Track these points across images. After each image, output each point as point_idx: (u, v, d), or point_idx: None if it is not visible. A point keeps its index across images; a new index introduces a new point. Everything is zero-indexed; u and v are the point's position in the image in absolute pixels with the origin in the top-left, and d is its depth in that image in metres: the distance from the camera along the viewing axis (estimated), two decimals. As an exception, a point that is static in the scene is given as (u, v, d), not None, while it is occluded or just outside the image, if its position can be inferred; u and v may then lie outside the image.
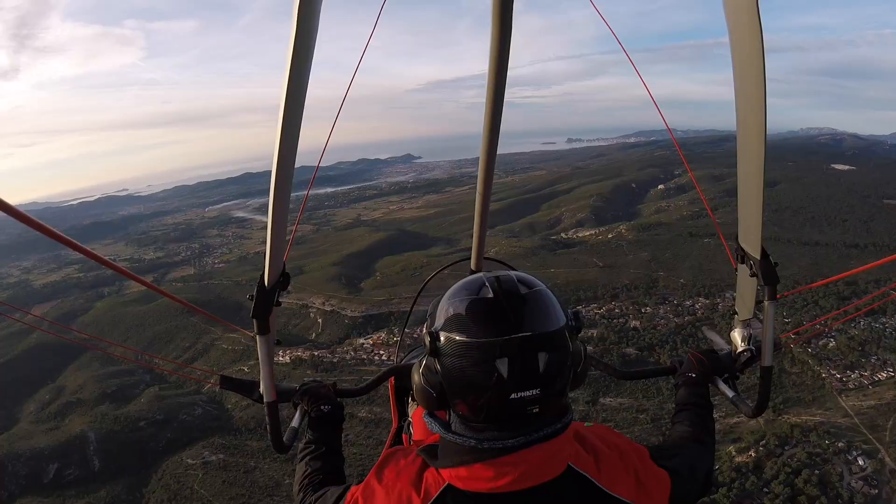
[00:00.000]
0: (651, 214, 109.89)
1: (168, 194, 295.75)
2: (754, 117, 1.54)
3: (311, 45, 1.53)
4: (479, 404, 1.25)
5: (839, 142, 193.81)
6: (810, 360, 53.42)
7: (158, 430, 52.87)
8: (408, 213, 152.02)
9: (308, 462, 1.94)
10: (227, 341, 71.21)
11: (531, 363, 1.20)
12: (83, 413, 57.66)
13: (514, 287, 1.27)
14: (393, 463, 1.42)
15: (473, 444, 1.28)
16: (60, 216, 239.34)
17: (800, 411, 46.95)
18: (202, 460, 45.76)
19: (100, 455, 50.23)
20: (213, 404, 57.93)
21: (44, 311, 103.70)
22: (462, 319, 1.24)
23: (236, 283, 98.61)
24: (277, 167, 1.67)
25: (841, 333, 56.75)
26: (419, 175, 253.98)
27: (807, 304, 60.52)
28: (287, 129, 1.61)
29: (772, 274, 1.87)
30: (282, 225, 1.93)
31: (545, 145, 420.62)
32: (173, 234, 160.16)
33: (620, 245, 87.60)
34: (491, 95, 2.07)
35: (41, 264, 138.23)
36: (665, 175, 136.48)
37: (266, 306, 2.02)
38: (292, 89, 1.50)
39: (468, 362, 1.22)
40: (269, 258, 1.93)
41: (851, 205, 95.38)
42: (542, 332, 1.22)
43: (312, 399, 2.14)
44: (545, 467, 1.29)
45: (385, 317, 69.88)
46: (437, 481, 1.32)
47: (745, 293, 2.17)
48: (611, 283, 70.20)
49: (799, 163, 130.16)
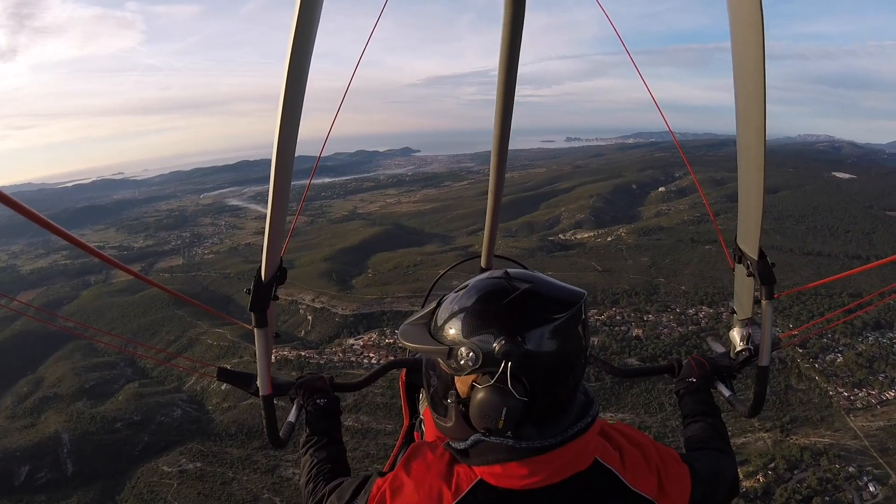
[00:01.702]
0: (651, 217, 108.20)
1: (164, 179, 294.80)
2: (754, 119, 1.56)
3: (312, 36, 1.54)
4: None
5: (838, 149, 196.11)
6: (818, 377, 51.56)
7: (135, 432, 50.41)
8: (405, 208, 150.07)
9: (313, 453, 1.94)
10: (212, 336, 68.85)
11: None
12: (59, 410, 55.26)
13: (529, 286, 1.32)
14: (421, 457, 1.43)
15: (511, 443, 1.28)
16: (55, 198, 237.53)
17: (808, 432, 45.07)
18: (178, 468, 43.28)
19: (73, 457, 47.77)
20: (194, 405, 55.62)
21: (29, 298, 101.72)
22: (480, 324, 1.28)
23: (224, 275, 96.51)
24: (277, 162, 1.67)
25: (848, 349, 55.26)
26: (417, 168, 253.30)
27: (812, 315, 58.97)
28: (287, 122, 1.60)
29: (769, 274, 1.88)
30: (280, 220, 1.93)
31: (544, 143, 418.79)
32: (166, 220, 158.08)
33: (620, 249, 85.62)
34: (501, 90, 1.98)
35: (30, 249, 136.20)
36: (665, 177, 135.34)
37: (263, 300, 2.03)
38: (292, 79, 1.51)
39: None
40: (267, 253, 1.93)
41: (854, 215, 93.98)
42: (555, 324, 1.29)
43: (308, 393, 2.15)
44: (575, 461, 1.33)
45: (377, 316, 67.42)
46: (469, 476, 1.34)
47: (742, 293, 2.17)
48: (611, 288, 67.84)
49: (799, 169, 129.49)
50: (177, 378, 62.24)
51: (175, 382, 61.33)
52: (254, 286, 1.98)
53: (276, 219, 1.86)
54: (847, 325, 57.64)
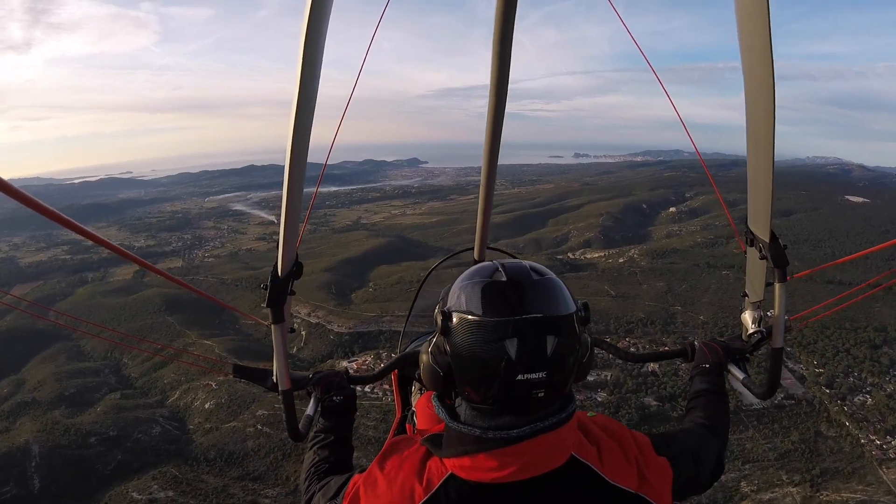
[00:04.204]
0: (662, 238, 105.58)
1: (171, 180, 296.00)
2: (763, 97, 1.55)
3: (323, 37, 1.57)
4: (486, 386, 1.26)
5: (848, 172, 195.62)
6: (847, 422, 47.82)
7: (109, 448, 46.94)
8: (409, 220, 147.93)
9: (316, 451, 1.97)
10: (200, 348, 65.58)
11: (540, 345, 1.22)
12: (35, 417, 52.07)
13: (526, 272, 1.32)
14: (396, 452, 1.44)
15: (478, 433, 1.28)
16: (61, 194, 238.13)
17: (839, 486, 41.20)
18: (148, 496, 39.48)
19: (41, 472, 44.37)
20: (175, 422, 52.21)
21: (24, 292, 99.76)
22: (475, 300, 1.27)
23: (221, 280, 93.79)
24: (291, 158, 1.68)
25: (876, 389, 51.84)
26: (424, 180, 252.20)
27: (838, 353, 55.70)
28: (300, 120, 1.63)
29: (781, 256, 1.89)
30: (295, 215, 1.93)
31: (552, 158, 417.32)
32: (168, 221, 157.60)
33: (633, 272, 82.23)
34: (494, 80, 1.92)
35: (31, 242, 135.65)
36: (676, 197, 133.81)
37: (280, 296, 2.03)
38: (305, 75, 1.54)
39: (478, 341, 1.24)
40: (283, 248, 1.94)
41: (871, 241, 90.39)
42: (551, 315, 1.25)
43: (325, 388, 2.16)
44: (549, 457, 1.30)
45: (374, 336, 63.99)
46: (440, 471, 1.32)
47: (754, 276, 2.18)
48: (625, 315, 64.15)
49: (811, 192, 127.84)
50: (161, 391, 59.07)
51: (158, 396, 58.13)
52: (270, 281, 1.95)
53: (291, 213, 1.84)
54: (874, 363, 54.71)
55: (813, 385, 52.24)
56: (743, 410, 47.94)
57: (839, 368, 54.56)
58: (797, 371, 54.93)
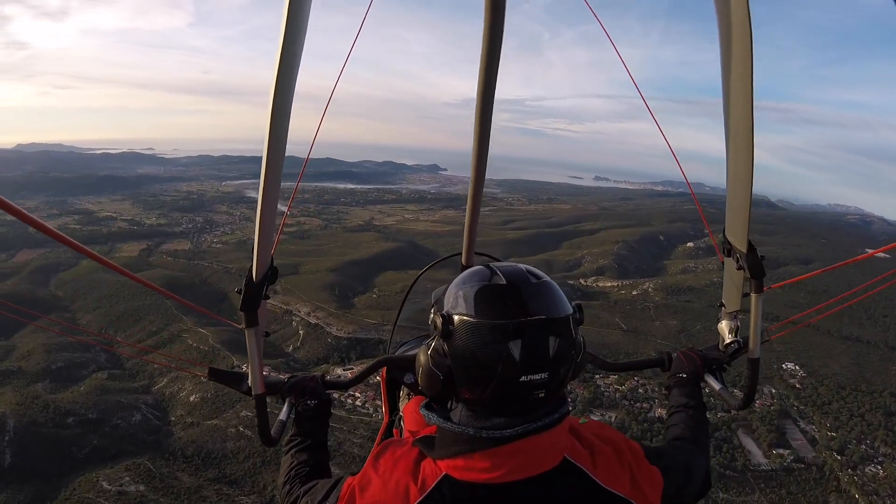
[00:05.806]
0: (677, 273, 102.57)
1: (191, 161, 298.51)
2: (741, 103, 1.52)
3: (301, 37, 1.55)
4: (486, 387, 1.27)
5: (868, 223, 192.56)
6: (857, 495, 44.84)
7: (87, 431, 45.39)
8: (422, 226, 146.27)
9: (294, 454, 1.94)
10: (194, 336, 64.14)
11: (543, 347, 1.24)
12: (17, 388, 50.86)
13: (524, 275, 1.34)
14: (389, 453, 1.43)
15: (472, 433, 1.29)
16: (80, 162, 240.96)
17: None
18: (119, 487, 37.63)
19: (13, 448, 42.78)
20: (157, 411, 50.66)
21: (30, 257, 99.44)
22: (476, 303, 1.28)
23: (226, 268, 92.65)
24: (267, 160, 1.66)
25: (889, 460, 48.73)
26: (442, 187, 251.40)
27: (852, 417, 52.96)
28: (277, 121, 1.62)
29: (758, 267, 1.89)
30: (271, 219, 1.91)
31: (572, 179, 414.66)
32: (182, 202, 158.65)
33: (647, 307, 79.45)
34: (483, 78, 1.86)
35: (44, 207, 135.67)
36: (695, 232, 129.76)
37: (254, 300, 1.99)
38: (282, 81, 1.53)
39: (482, 343, 1.24)
40: (258, 252, 1.90)
41: (893, 299, 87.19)
42: (554, 316, 1.26)
43: (299, 393, 2.13)
44: (541, 458, 1.31)
45: (373, 344, 61.81)
46: (435, 471, 1.32)
47: (731, 286, 2.18)
48: (636, 352, 61.15)
49: (831, 241, 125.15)
50: (149, 375, 57.58)
51: (145, 381, 56.68)
52: (245, 286, 1.92)
53: (266, 218, 1.83)
54: (888, 433, 51.79)
55: (824, 450, 49.42)
56: (750, 471, 45.34)
57: (852, 434, 51.70)
58: (808, 432, 52.13)
